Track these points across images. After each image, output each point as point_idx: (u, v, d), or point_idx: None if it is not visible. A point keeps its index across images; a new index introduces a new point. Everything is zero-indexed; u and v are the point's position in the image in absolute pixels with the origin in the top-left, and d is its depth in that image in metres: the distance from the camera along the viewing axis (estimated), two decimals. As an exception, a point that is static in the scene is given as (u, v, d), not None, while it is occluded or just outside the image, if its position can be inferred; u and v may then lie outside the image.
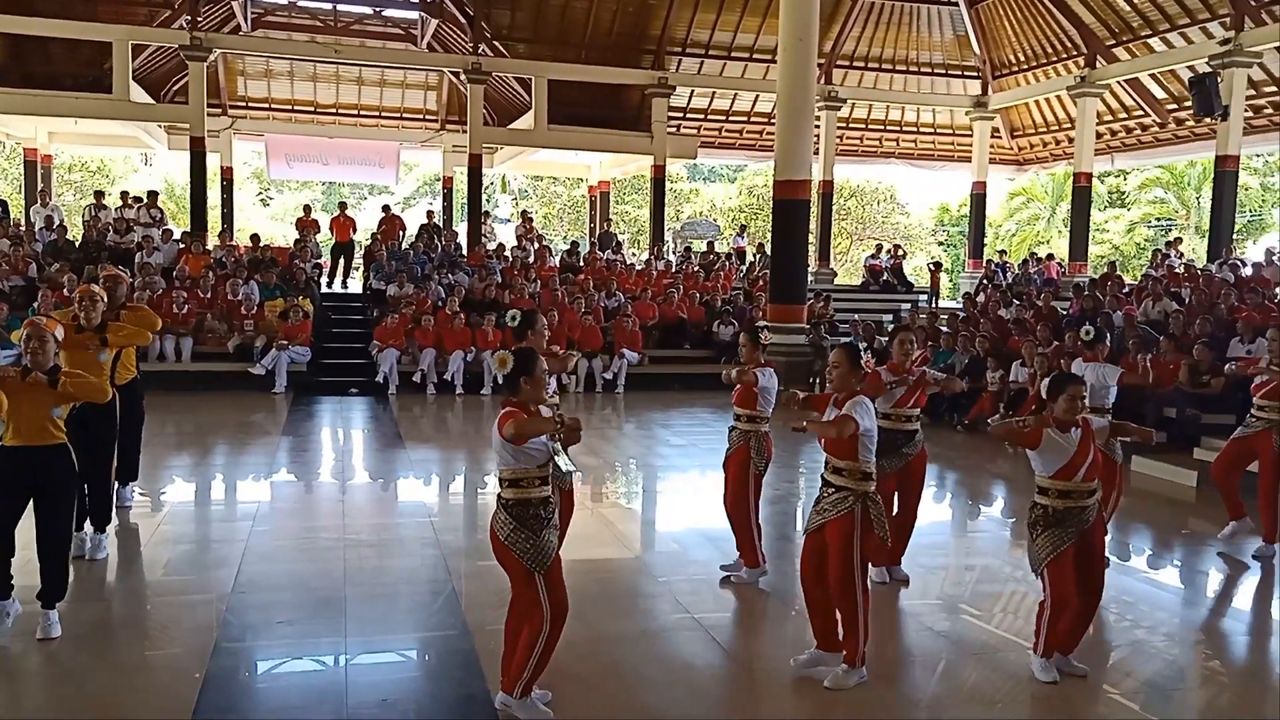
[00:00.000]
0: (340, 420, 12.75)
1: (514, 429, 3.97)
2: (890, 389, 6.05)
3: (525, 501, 4.12)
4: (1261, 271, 15.91)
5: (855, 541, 4.56)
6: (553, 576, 4.18)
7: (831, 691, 4.62)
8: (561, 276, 17.72)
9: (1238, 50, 16.48)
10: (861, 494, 4.60)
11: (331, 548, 6.81)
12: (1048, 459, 4.69)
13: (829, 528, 4.62)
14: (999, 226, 34.64)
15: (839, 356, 4.75)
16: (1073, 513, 4.68)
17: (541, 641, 4.15)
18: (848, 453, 4.59)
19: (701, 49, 22.08)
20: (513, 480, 4.13)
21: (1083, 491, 4.69)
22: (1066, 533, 4.67)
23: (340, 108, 24.72)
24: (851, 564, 4.56)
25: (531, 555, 4.11)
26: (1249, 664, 5.46)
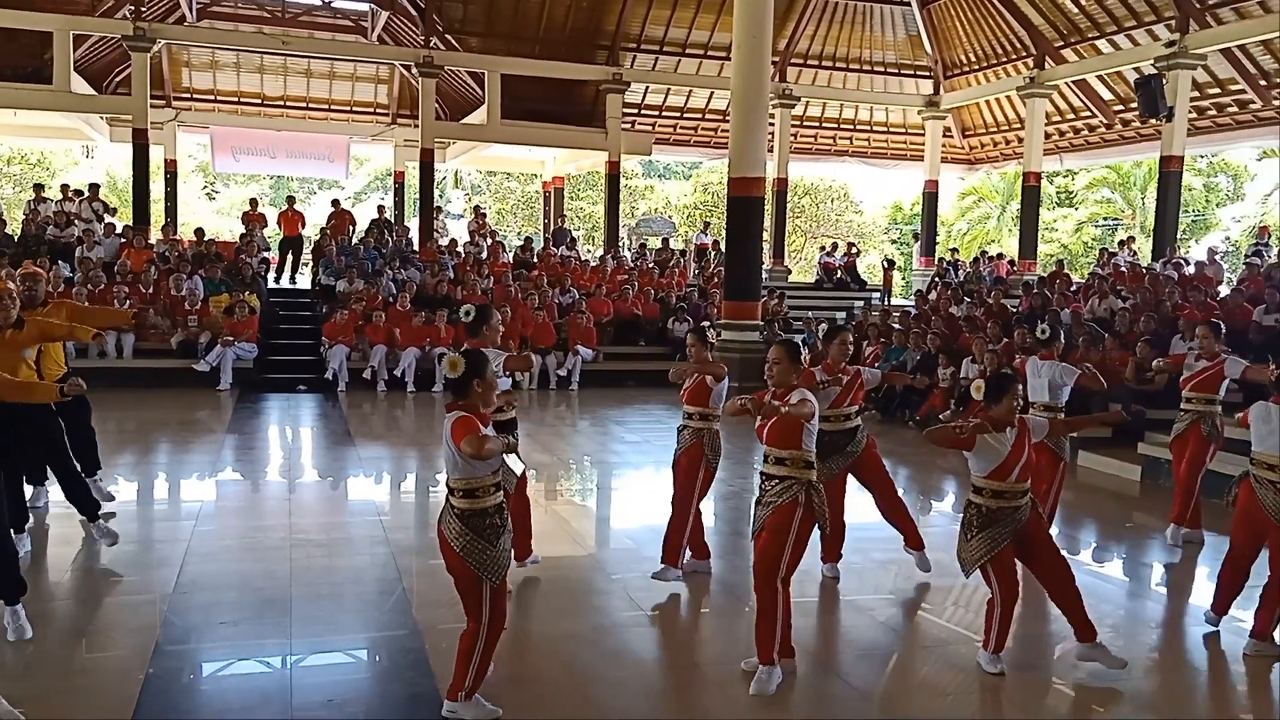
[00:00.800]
0: (288, 418, 12.53)
1: (474, 449, 3.86)
2: (824, 388, 6.03)
3: (481, 511, 4.06)
4: (1204, 270, 16.23)
5: (794, 526, 4.54)
6: (499, 585, 4.13)
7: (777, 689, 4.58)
8: (515, 273, 17.61)
9: (1182, 52, 16.79)
10: (805, 482, 4.58)
11: (277, 547, 6.67)
12: (982, 459, 4.73)
13: (772, 515, 4.59)
14: (951, 225, 35.04)
15: (778, 353, 4.74)
16: (1006, 512, 4.72)
17: (480, 649, 4.11)
18: (792, 441, 4.57)
19: (656, 45, 22.05)
20: (466, 490, 4.06)
21: (1016, 491, 4.73)
22: (1002, 532, 4.71)
23: (288, 100, 24.33)
24: (782, 548, 4.53)
25: (488, 566, 4.05)
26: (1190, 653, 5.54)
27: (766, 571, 4.58)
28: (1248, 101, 18.77)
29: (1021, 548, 4.82)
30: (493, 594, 4.10)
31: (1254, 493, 5.21)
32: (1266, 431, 5.22)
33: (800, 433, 4.56)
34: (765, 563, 4.58)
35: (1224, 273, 17.67)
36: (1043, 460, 6.88)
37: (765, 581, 4.58)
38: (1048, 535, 5.01)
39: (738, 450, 10.12)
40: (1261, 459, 5.23)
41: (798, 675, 4.75)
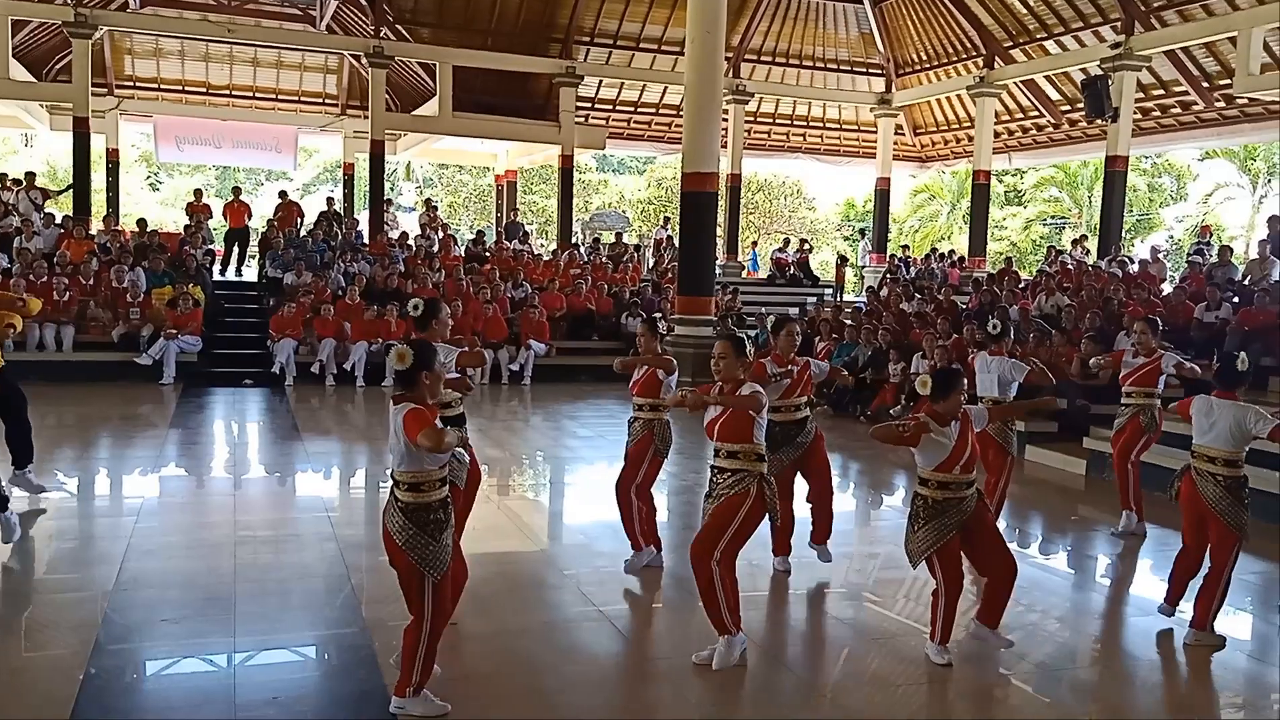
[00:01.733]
0: (233, 412, 12.31)
1: (433, 441, 3.81)
2: (775, 380, 6.05)
3: (425, 506, 4.02)
4: (1147, 269, 16.54)
5: (740, 514, 4.55)
6: (443, 581, 4.09)
7: (731, 676, 4.59)
8: (467, 266, 17.45)
9: (1127, 54, 17.09)
10: (757, 474, 4.59)
11: (222, 544, 6.53)
12: (929, 453, 4.77)
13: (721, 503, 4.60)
14: (903, 222, 35.38)
15: (723, 347, 4.75)
16: (952, 504, 4.75)
17: (423, 644, 4.07)
18: (743, 435, 4.57)
19: (610, 39, 21.98)
20: (412, 484, 4.01)
21: (961, 483, 4.77)
22: (947, 523, 4.74)
23: (234, 89, 23.88)
24: (723, 531, 4.54)
25: (430, 560, 4.00)
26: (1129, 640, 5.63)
27: (701, 550, 4.59)
28: (1190, 103, 19.15)
29: (967, 539, 4.86)
30: (435, 588, 4.05)
31: (1195, 485, 5.30)
32: (1207, 425, 5.31)
33: (751, 426, 4.57)
34: (702, 542, 4.60)
35: (1167, 271, 18.04)
36: (990, 454, 6.96)
37: (699, 560, 4.60)
38: (994, 527, 5.06)
39: (691, 445, 10.12)
40: (1202, 452, 5.32)
41: (748, 668, 4.75)
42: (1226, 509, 5.18)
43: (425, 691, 4.13)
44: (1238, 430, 5.19)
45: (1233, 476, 5.22)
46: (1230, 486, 5.20)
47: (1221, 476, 5.21)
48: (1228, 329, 11.90)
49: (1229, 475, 5.21)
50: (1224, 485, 5.20)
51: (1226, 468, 5.22)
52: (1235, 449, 5.22)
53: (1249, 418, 5.18)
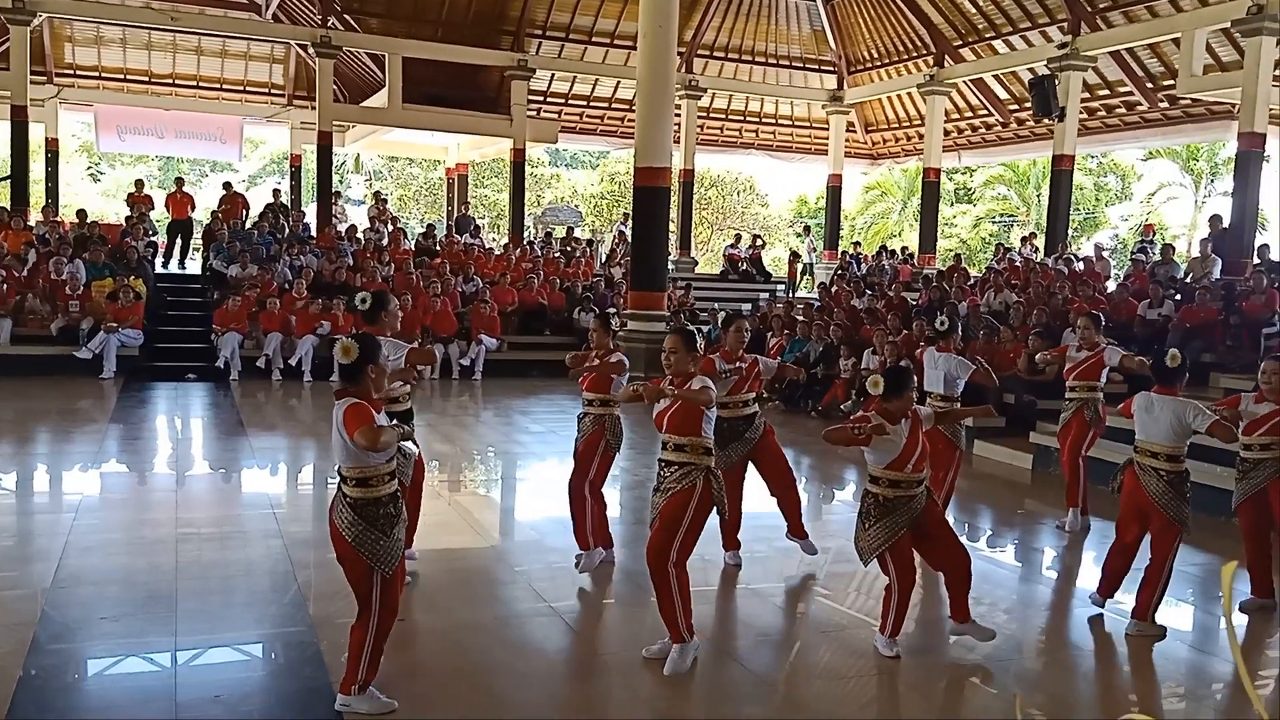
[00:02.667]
0: (176, 407, 12.06)
1: (369, 440, 3.76)
2: (725, 376, 6.05)
3: (374, 501, 3.95)
4: (1092, 266, 16.83)
5: (689, 511, 4.52)
6: (393, 577, 4.03)
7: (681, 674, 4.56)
8: (416, 260, 17.26)
9: (1074, 54, 17.34)
10: (704, 468, 4.56)
11: (163, 540, 6.39)
12: (880, 452, 4.79)
13: (668, 501, 4.56)
14: (854, 219, 35.64)
15: (674, 342, 4.72)
16: (902, 501, 4.78)
17: (370, 641, 4.01)
18: (691, 428, 4.54)
19: (562, 32, 21.85)
20: (360, 479, 3.95)
21: (912, 481, 4.80)
22: (898, 521, 4.77)
23: (177, 79, 23.36)
24: (674, 532, 4.51)
25: (380, 556, 3.94)
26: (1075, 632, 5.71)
27: (658, 554, 4.56)
28: (1135, 103, 19.50)
29: (919, 536, 4.88)
30: (384, 584, 4.00)
31: (1138, 479, 5.38)
32: (1149, 420, 5.39)
33: (699, 419, 4.55)
34: (657, 545, 4.56)
35: (1111, 268, 18.36)
36: (939, 448, 7.01)
37: (657, 564, 4.57)
38: (944, 521, 5.10)
39: (642, 440, 10.09)
40: (1145, 447, 5.40)
41: (698, 662, 4.73)
42: (1169, 503, 5.26)
43: (372, 688, 4.07)
44: (1178, 425, 5.28)
45: (1175, 471, 5.30)
46: (1173, 481, 5.28)
47: (1164, 471, 5.29)
48: (1170, 326, 12.14)
49: (1171, 470, 5.29)
50: (1166, 480, 5.28)
51: (1169, 462, 5.30)
52: (1177, 444, 5.31)
53: (1188, 413, 5.27)
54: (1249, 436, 5.69)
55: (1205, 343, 11.58)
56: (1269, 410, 5.65)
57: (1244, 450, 5.77)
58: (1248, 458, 5.75)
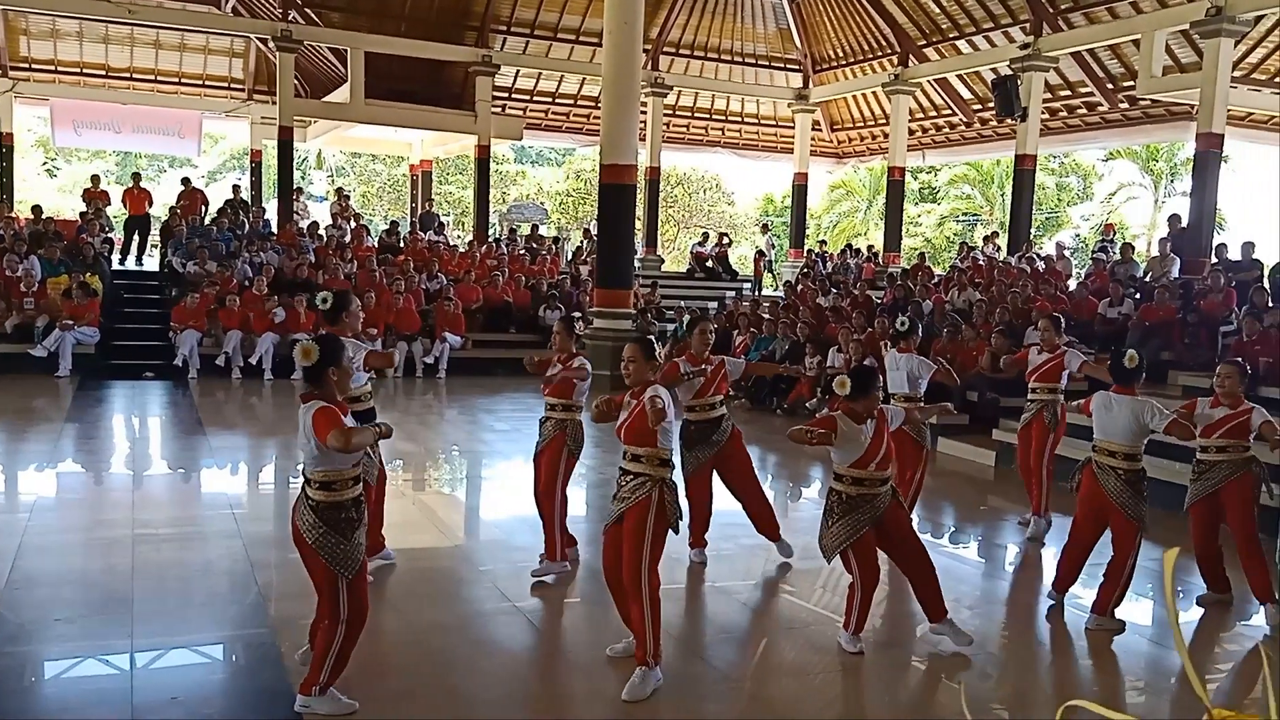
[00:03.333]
0: (133, 406, 11.86)
1: (342, 442, 3.70)
2: (689, 379, 6.02)
3: (337, 504, 3.91)
4: (1054, 265, 17.00)
5: (649, 526, 4.46)
6: (356, 579, 3.98)
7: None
8: (380, 257, 17.10)
9: (1036, 55, 17.50)
10: (659, 480, 4.50)
11: (120, 541, 6.27)
12: (845, 451, 4.79)
13: (626, 515, 4.52)
14: (820, 218, 35.80)
15: (633, 351, 4.66)
16: (866, 499, 4.79)
17: (337, 644, 3.96)
18: (648, 439, 4.49)
19: (527, 28, 21.72)
20: (324, 482, 3.90)
21: (876, 479, 4.81)
22: (861, 519, 4.78)
23: (135, 73, 22.95)
24: (641, 550, 4.44)
25: (341, 560, 3.90)
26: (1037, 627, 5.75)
27: (633, 581, 4.47)
28: (1096, 104, 19.72)
29: (881, 534, 4.89)
30: (350, 588, 3.94)
31: (1096, 478, 5.42)
32: (1107, 419, 5.44)
33: (655, 431, 4.48)
34: (631, 564, 4.48)
35: (1072, 267, 18.57)
36: (906, 448, 7.03)
37: (634, 592, 4.47)
38: (907, 522, 5.11)
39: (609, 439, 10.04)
40: (1103, 446, 5.45)
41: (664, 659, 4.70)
42: (1126, 501, 5.31)
43: (332, 689, 4.01)
44: (1136, 424, 5.34)
45: (1132, 470, 5.36)
46: (1130, 480, 5.34)
47: (1122, 470, 5.35)
48: (1129, 324, 12.28)
49: (1129, 469, 5.35)
50: (1124, 478, 5.34)
51: (1126, 461, 5.36)
52: (1134, 443, 5.37)
53: (1146, 412, 5.33)
54: (1205, 439, 5.75)
55: (1164, 341, 11.72)
56: (1224, 414, 5.72)
57: (1200, 452, 5.85)
58: (1203, 459, 5.82)
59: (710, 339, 6.30)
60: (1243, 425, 5.65)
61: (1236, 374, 5.75)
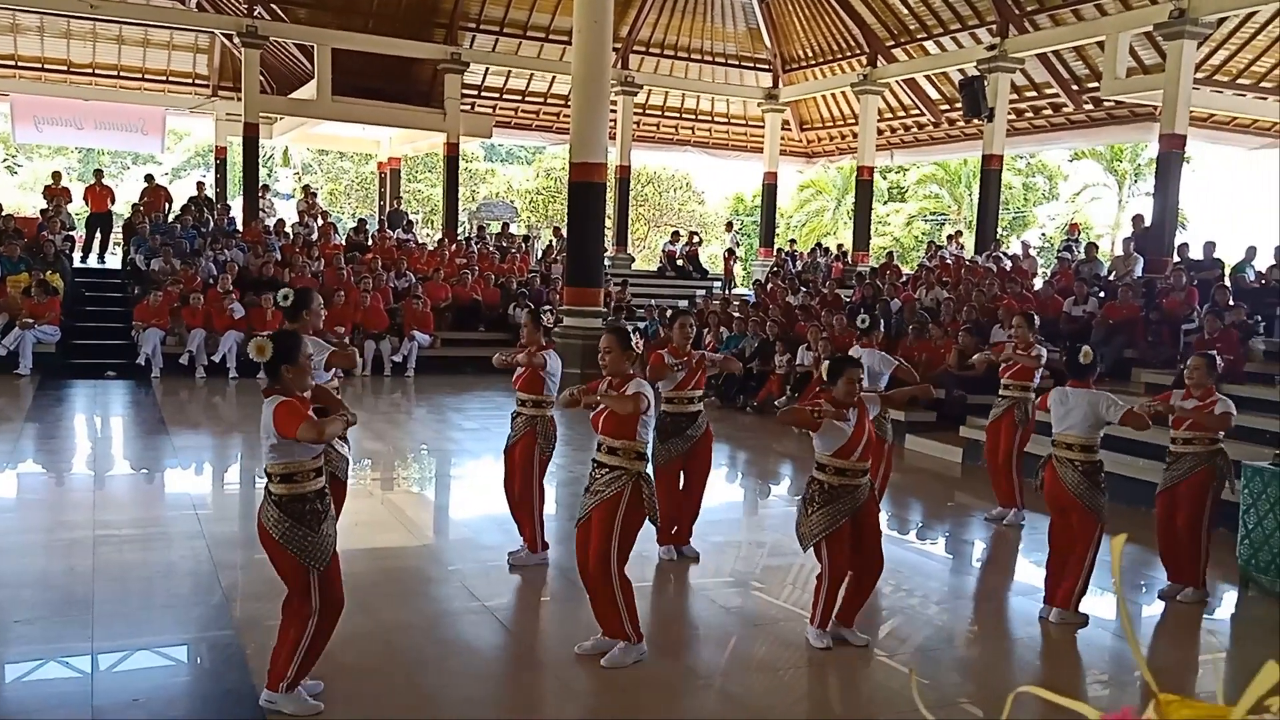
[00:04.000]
0: (95, 405, 11.69)
1: (314, 434, 3.70)
2: (674, 371, 6.05)
3: (300, 497, 3.87)
4: (1019, 263, 17.15)
5: (618, 518, 4.48)
6: (330, 572, 3.94)
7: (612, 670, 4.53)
8: (348, 255, 16.95)
9: (1002, 56, 17.64)
10: (634, 473, 4.51)
11: (81, 542, 6.18)
12: (828, 439, 4.79)
13: (597, 509, 4.52)
14: (790, 217, 35.90)
15: (609, 341, 4.67)
16: (847, 489, 4.79)
17: (307, 639, 3.91)
18: (626, 431, 4.50)
19: (496, 26, 21.61)
20: (284, 475, 3.87)
21: (857, 470, 4.82)
22: (840, 509, 4.78)
23: (98, 68, 22.59)
24: (610, 541, 4.47)
25: (309, 553, 3.85)
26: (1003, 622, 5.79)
27: (600, 570, 4.49)
28: (1061, 104, 19.91)
29: (853, 529, 4.88)
30: (322, 581, 3.90)
31: (1056, 473, 5.48)
32: (1063, 413, 5.52)
33: (634, 423, 4.49)
34: (598, 552, 4.49)
35: (1037, 266, 18.74)
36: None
37: (600, 581, 4.51)
38: (877, 524, 5.10)
39: (578, 437, 10.03)
40: (1060, 439, 5.52)
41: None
42: (1084, 493, 5.37)
43: (300, 689, 3.95)
44: (1091, 416, 5.42)
45: (1089, 462, 5.42)
46: (1087, 472, 5.40)
47: (1079, 463, 5.41)
48: (1094, 322, 12.41)
49: (1086, 461, 5.42)
50: (1081, 471, 5.40)
51: (1083, 454, 5.42)
52: (1090, 435, 5.44)
53: (1101, 404, 5.41)
54: (1175, 430, 5.86)
55: (1127, 338, 11.85)
56: (1193, 406, 5.80)
57: (1171, 444, 5.98)
58: (1173, 450, 5.96)
59: (691, 333, 6.34)
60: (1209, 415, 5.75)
61: (1204, 366, 5.85)
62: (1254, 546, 6.07)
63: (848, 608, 4.96)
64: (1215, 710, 0.86)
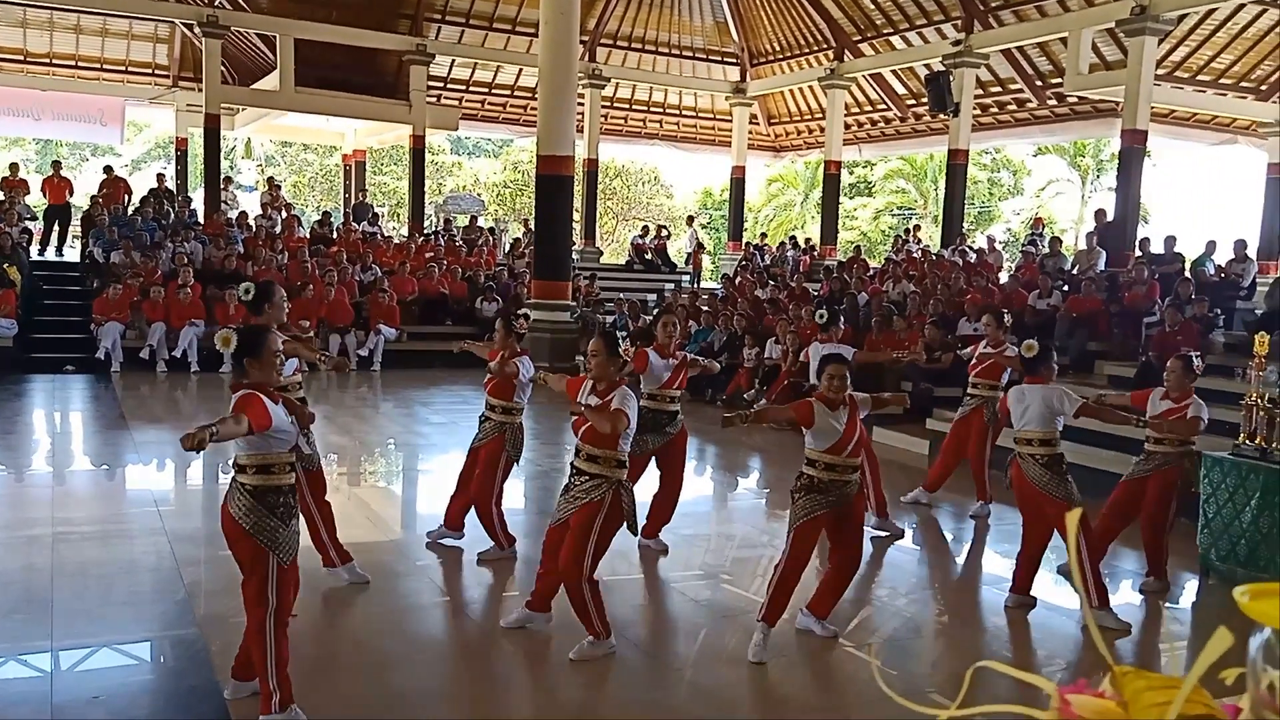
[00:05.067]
0: (54, 401, 11.48)
1: (226, 427, 3.62)
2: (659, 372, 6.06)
3: (275, 489, 3.83)
4: (985, 257, 17.29)
5: (596, 525, 4.48)
6: (290, 569, 3.90)
7: (580, 662, 4.51)
8: (312, 249, 16.76)
9: (967, 51, 17.77)
10: (615, 481, 4.51)
11: (39, 539, 6.08)
12: (821, 436, 4.79)
13: (575, 514, 4.51)
14: (758, 211, 35.98)
15: (597, 345, 4.68)
16: (836, 484, 4.79)
17: (271, 642, 3.81)
18: (607, 442, 4.49)
19: (462, 17, 21.45)
20: (260, 466, 3.82)
21: (848, 467, 4.81)
22: (825, 500, 4.77)
23: (55, 58, 22.16)
24: (585, 544, 4.47)
25: (279, 544, 3.81)
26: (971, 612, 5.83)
27: (572, 564, 4.47)
28: (1025, 100, 20.10)
29: (835, 524, 4.85)
30: (279, 574, 3.83)
31: (1022, 471, 5.52)
32: (1021, 410, 5.58)
33: (616, 435, 4.48)
34: (571, 556, 4.47)
35: (1002, 260, 18.90)
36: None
37: (572, 582, 4.50)
38: (861, 523, 5.10)
39: (547, 430, 10.00)
40: (1021, 436, 5.58)
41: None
42: (1050, 484, 5.41)
43: (294, 708, 3.82)
44: (1047, 411, 5.48)
45: (1050, 454, 5.48)
46: (1049, 464, 5.45)
47: (1040, 456, 5.46)
48: (1058, 315, 12.52)
49: (1046, 454, 5.47)
50: (1043, 464, 5.45)
51: (1044, 447, 5.48)
52: (1048, 429, 5.50)
53: (1056, 398, 5.48)
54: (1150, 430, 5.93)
55: (1091, 332, 11.98)
56: (1167, 407, 5.86)
57: (1146, 442, 6.04)
58: (1147, 448, 6.01)
59: (674, 331, 6.32)
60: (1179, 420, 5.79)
61: (1181, 369, 5.89)
62: (1214, 535, 6.15)
63: (824, 601, 4.96)
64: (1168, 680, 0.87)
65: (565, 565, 4.50)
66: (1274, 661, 0.82)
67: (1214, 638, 0.81)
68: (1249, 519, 5.93)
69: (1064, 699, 0.89)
